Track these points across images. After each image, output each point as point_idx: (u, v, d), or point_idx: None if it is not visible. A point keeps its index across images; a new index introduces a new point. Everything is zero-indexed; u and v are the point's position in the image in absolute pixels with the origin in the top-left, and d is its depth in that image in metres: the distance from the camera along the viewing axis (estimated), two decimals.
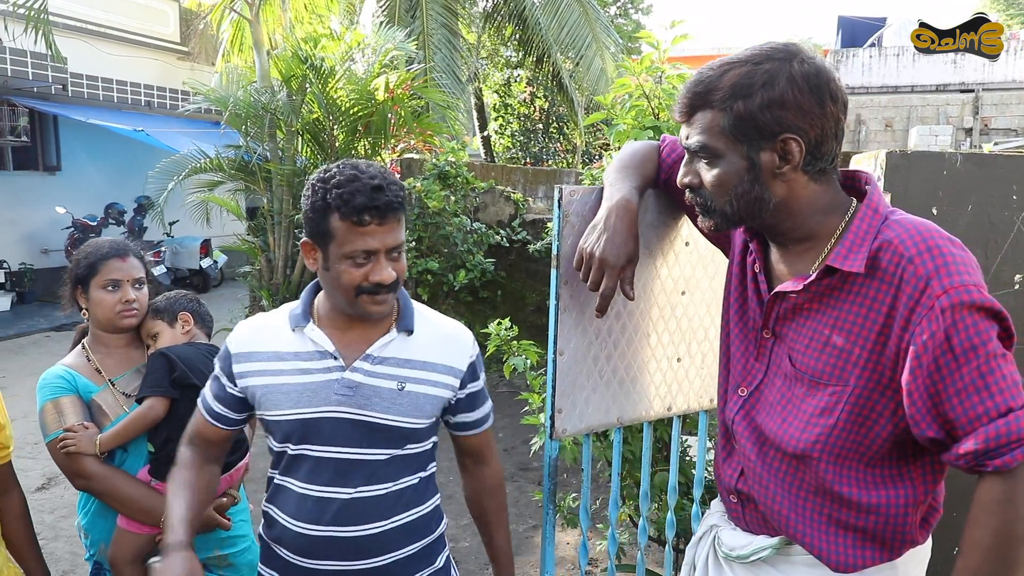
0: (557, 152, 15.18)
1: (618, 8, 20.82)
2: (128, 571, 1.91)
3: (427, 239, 6.66)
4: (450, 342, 1.58)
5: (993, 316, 1.10)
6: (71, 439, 1.82)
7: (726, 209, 1.26)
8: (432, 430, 1.59)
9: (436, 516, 1.63)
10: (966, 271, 1.11)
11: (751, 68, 1.19)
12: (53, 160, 11.86)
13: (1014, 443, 1.04)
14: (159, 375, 1.91)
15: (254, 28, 7.95)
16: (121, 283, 1.95)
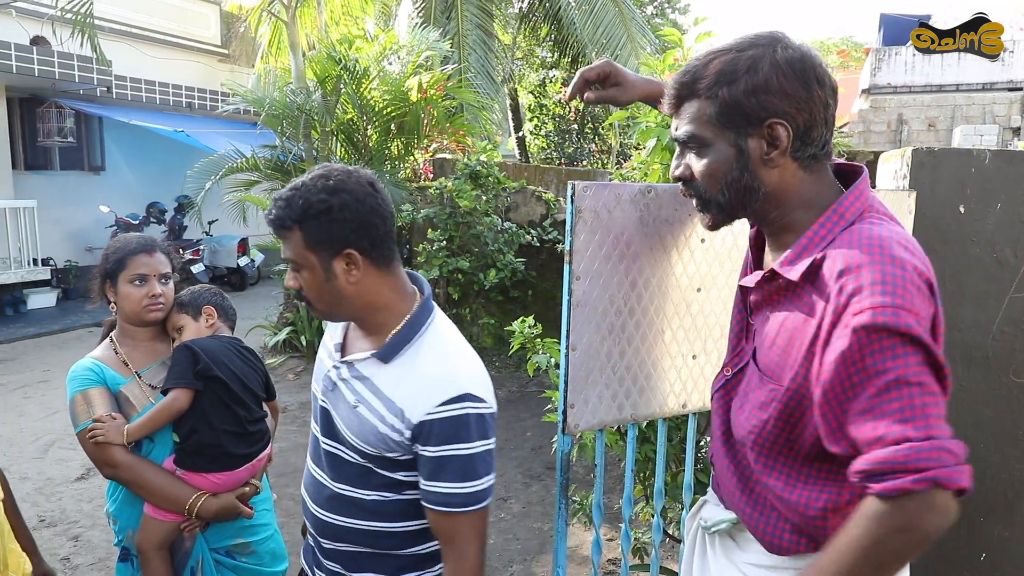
0: (592, 153, 15.13)
1: (655, 8, 20.69)
2: (154, 556, 1.96)
3: (458, 238, 6.71)
4: (418, 385, 1.37)
5: (911, 342, 1.04)
6: (99, 429, 1.88)
7: (719, 199, 1.25)
8: (399, 465, 1.42)
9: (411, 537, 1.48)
10: (895, 292, 1.05)
11: (735, 55, 1.19)
12: (98, 160, 12.19)
13: (899, 472, 1.00)
14: (183, 367, 1.95)
15: (290, 30, 8.08)
16: (148, 277, 2.00)
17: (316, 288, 1.39)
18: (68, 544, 3.83)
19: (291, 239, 1.36)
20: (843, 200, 1.20)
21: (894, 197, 2.04)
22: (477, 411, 1.36)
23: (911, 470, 0.99)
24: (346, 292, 1.38)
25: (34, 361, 7.58)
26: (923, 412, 1.01)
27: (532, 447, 5.25)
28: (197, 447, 1.98)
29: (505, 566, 3.66)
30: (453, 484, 1.34)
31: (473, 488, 1.35)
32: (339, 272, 1.36)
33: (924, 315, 1.06)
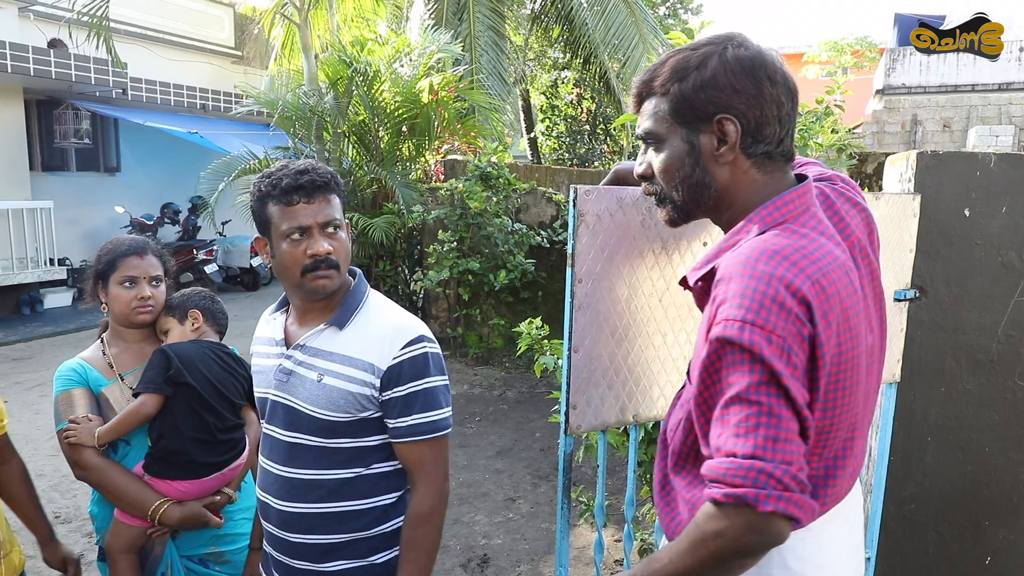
0: (603, 154, 15.11)
1: (667, 8, 20.64)
2: (121, 559, 1.95)
3: (469, 239, 6.73)
4: (378, 338, 1.54)
5: (755, 360, 1.05)
6: (73, 430, 1.89)
7: (674, 196, 1.27)
8: (368, 428, 1.56)
9: (379, 514, 1.60)
10: (748, 307, 1.06)
11: (688, 53, 1.22)
12: (113, 161, 12.32)
13: (717, 483, 1.06)
14: (155, 372, 1.94)
15: (302, 32, 8.14)
16: (138, 280, 2.01)
17: (347, 251, 1.59)
18: (83, 540, 3.88)
19: (332, 201, 1.56)
20: (760, 209, 1.20)
21: (898, 200, 2.04)
22: (432, 350, 1.57)
23: (726, 484, 1.04)
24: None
25: (50, 359, 7.68)
26: (754, 432, 1.03)
27: (541, 448, 5.27)
28: (164, 453, 1.96)
29: (513, 566, 3.68)
30: (420, 415, 1.54)
31: (437, 416, 1.56)
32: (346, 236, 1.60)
33: (782, 333, 1.05)
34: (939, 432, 2.32)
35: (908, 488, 2.35)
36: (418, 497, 1.57)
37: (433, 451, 1.57)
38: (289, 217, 1.53)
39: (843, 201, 1.32)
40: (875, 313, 1.28)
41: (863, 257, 1.28)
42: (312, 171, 1.55)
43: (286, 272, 1.57)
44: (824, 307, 1.09)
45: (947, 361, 2.27)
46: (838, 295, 1.11)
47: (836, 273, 1.12)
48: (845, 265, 1.16)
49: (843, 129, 4.69)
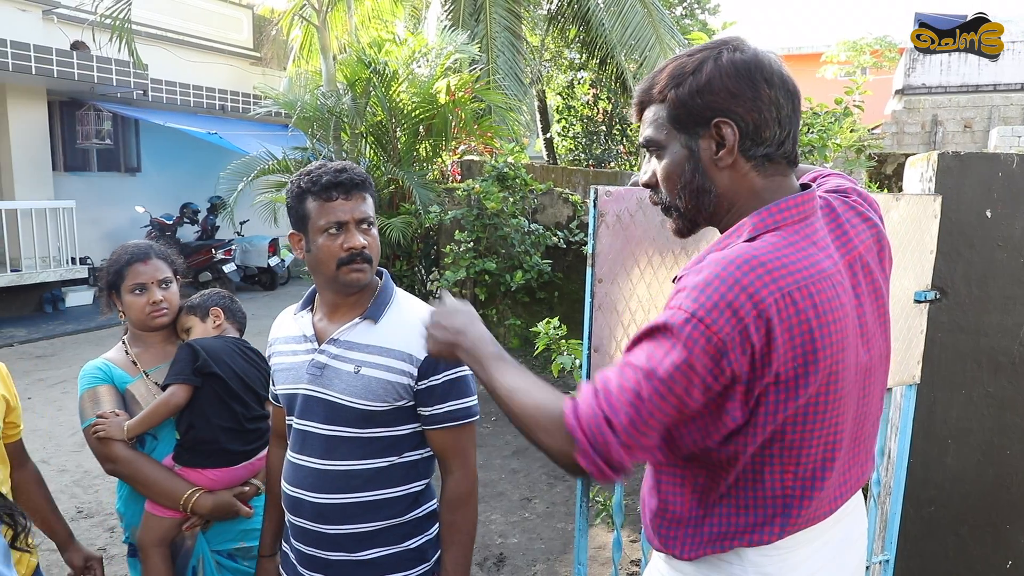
0: (620, 154, 15.08)
1: (684, 8, 20.57)
2: (153, 553, 1.98)
3: (485, 240, 6.74)
4: (413, 329, 1.60)
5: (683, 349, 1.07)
6: (101, 424, 1.92)
7: (678, 204, 1.26)
8: (403, 417, 1.64)
9: (411, 501, 1.68)
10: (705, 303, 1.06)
11: (684, 59, 1.21)
12: (134, 162, 12.46)
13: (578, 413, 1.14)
14: (182, 364, 1.99)
15: (321, 34, 8.19)
16: (147, 285, 2.04)
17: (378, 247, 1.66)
18: (104, 535, 3.93)
19: (367, 200, 1.64)
20: (754, 215, 1.18)
21: (919, 201, 2.03)
22: None
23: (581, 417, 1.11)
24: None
25: (72, 357, 7.78)
26: (637, 404, 1.08)
27: None
28: (194, 443, 2.00)
29: (529, 565, 3.69)
30: (457, 401, 1.64)
31: (470, 403, 1.67)
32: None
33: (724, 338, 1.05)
34: (959, 435, 2.31)
35: (928, 491, 2.34)
36: (454, 481, 1.66)
37: (466, 436, 1.68)
38: (327, 212, 1.60)
39: (852, 215, 1.29)
40: (877, 330, 1.25)
41: (865, 274, 1.25)
42: (350, 170, 1.63)
43: (321, 266, 1.63)
44: (790, 321, 1.07)
45: (968, 363, 2.26)
46: (814, 308, 1.09)
47: (818, 286, 1.10)
48: (833, 278, 1.13)
49: (862, 130, 4.67)
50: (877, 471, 2.17)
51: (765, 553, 1.20)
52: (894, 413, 2.30)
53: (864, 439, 1.28)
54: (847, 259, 1.22)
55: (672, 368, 1.06)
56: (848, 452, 1.23)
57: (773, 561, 1.21)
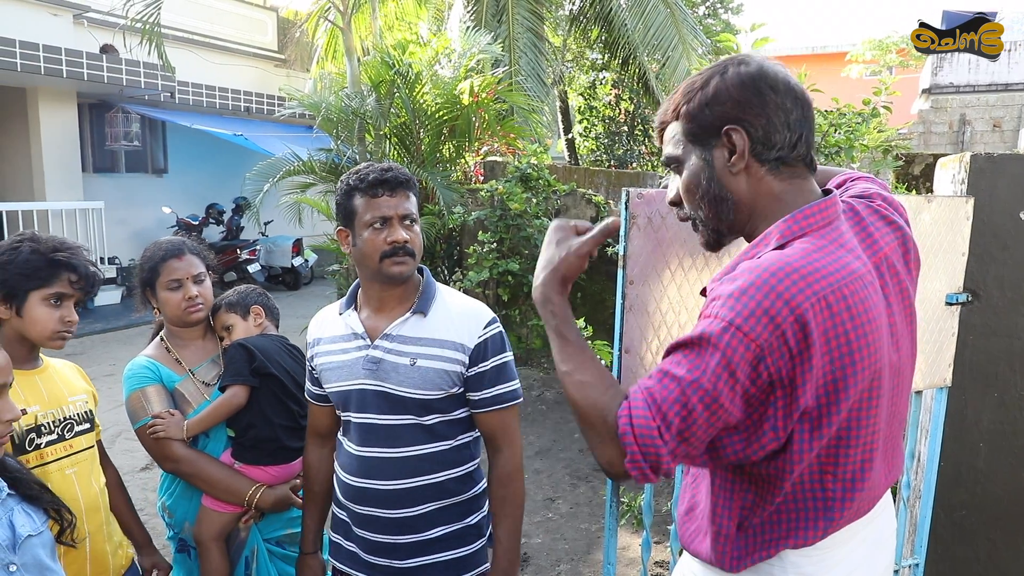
0: (642, 155, 15.03)
1: (707, 8, 20.45)
2: (213, 547, 2.04)
3: (508, 240, 6.76)
4: (461, 321, 1.74)
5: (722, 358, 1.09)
6: (160, 425, 1.96)
7: (700, 215, 1.30)
8: (455, 403, 1.76)
9: (467, 480, 1.81)
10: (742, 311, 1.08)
11: (695, 78, 1.28)
12: (161, 163, 12.64)
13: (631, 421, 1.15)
14: (240, 365, 2.03)
15: (345, 36, 8.25)
16: (182, 281, 2.06)
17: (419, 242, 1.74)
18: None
19: (410, 197, 1.74)
20: (780, 223, 1.20)
21: (951, 203, 2.02)
22: (501, 329, 1.80)
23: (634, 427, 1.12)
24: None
25: (101, 355, 7.91)
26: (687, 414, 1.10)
27: (580, 448, 5.28)
28: (255, 441, 2.06)
29: (553, 565, 3.70)
30: (505, 384, 1.77)
31: (515, 386, 1.80)
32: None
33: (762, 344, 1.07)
34: (992, 438, 2.28)
35: (959, 495, 2.32)
36: (504, 458, 1.79)
37: (512, 416, 1.80)
38: (373, 208, 1.69)
39: (876, 219, 1.31)
40: (905, 330, 1.27)
41: (892, 275, 1.26)
42: (395, 169, 1.72)
43: (366, 259, 1.71)
44: (826, 325, 1.09)
45: (1000, 366, 2.24)
46: (849, 311, 1.11)
47: (851, 287, 1.12)
48: (863, 278, 1.15)
49: (890, 130, 4.62)
50: (907, 474, 2.15)
51: (806, 554, 1.22)
52: (924, 416, 2.28)
53: (893, 438, 1.30)
54: (874, 260, 1.23)
55: (715, 378, 1.08)
56: (881, 452, 1.25)
57: (812, 561, 1.23)
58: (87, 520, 1.81)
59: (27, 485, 1.53)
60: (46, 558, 1.49)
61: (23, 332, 1.77)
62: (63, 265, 1.79)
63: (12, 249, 1.75)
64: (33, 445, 1.73)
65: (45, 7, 9.96)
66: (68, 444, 1.81)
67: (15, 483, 1.50)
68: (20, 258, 1.75)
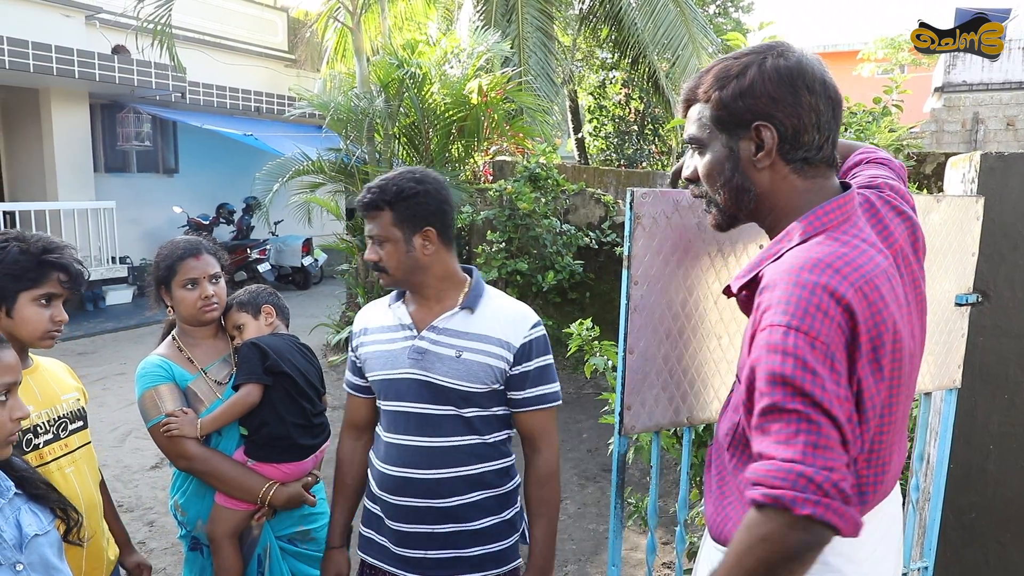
0: (652, 154, 14.99)
1: (717, 7, 20.37)
2: (226, 544, 2.06)
3: (517, 240, 6.76)
4: (509, 320, 1.78)
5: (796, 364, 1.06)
6: (174, 423, 1.97)
7: (718, 199, 1.32)
8: (494, 399, 1.78)
9: (504, 474, 1.84)
10: (795, 314, 1.08)
11: (731, 62, 1.26)
12: (172, 163, 12.70)
13: (757, 484, 1.07)
14: (253, 364, 2.05)
15: (355, 36, 8.27)
16: (199, 280, 2.07)
17: (396, 258, 1.74)
18: (144, 529, 4.02)
19: (380, 218, 1.73)
20: (803, 218, 1.22)
21: (960, 203, 2.00)
22: (545, 332, 1.83)
23: (764, 485, 1.05)
24: (421, 262, 1.75)
25: (112, 354, 7.96)
26: (794, 438, 1.04)
27: (588, 448, 5.28)
28: (268, 439, 2.07)
29: (560, 566, 3.70)
30: (547, 385, 1.81)
31: (556, 388, 1.84)
32: (418, 245, 1.73)
33: (825, 340, 1.07)
34: (1002, 440, 2.26)
35: (969, 497, 2.30)
36: (542, 459, 1.82)
37: (552, 418, 1.84)
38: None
39: (888, 210, 1.34)
40: (917, 321, 1.29)
41: (906, 266, 1.30)
42: (368, 190, 1.76)
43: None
44: (867, 313, 1.10)
45: (1011, 367, 2.22)
46: (882, 300, 1.13)
47: (879, 279, 1.14)
48: (888, 271, 1.17)
49: (901, 129, 4.59)
50: (916, 476, 2.14)
51: None
52: (933, 418, 2.26)
53: (905, 419, 1.33)
54: (891, 252, 1.26)
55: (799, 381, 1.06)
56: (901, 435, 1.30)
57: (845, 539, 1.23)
58: (87, 518, 1.81)
59: (34, 484, 1.53)
60: (53, 557, 1.50)
61: (13, 333, 1.75)
62: (52, 265, 1.77)
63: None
64: (31, 445, 1.73)
65: (58, 8, 10.02)
66: (64, 443, 1.81)
67: (22, 482, 1.51)
68: (8, 259, 1.72)
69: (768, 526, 1.05)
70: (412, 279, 1.79)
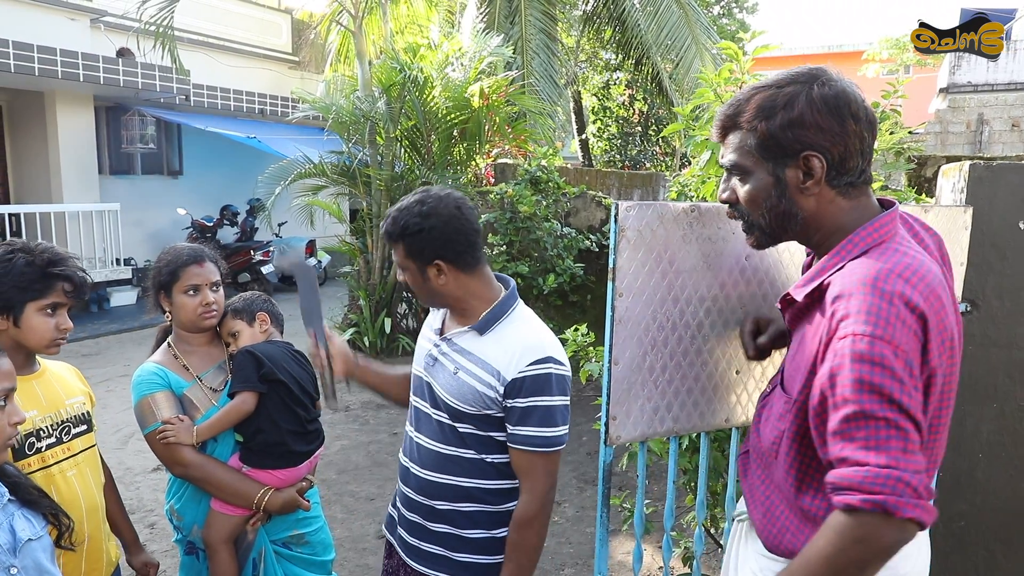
0: (655, 155, 15.01)
1: (722, 8, 20.36)
2: (222, 549, 2.08)
3: (518, 243, 6.77)
4: (511, 350, 1.69)
5: (884, 373, 1.11)
6: (170, 431, 2.00)
7: (761, 223, 1.36)
8: (490, 423, 1.72)
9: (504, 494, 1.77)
10: (876, 323, 1.13)
11: (775, 91, 1.28)
12: (176, 165, 12.75)
13: (853, 490, 1.10)
14: (248, 371, 2.07)
15: (357, 39, 8.29)
16: (200, 287, 2.10)
17: (416, 285, 1.77)
18: (144, 531, 4.05)
19: (396, 248, 1.76)
20: (860, 231, 1.27)
21: (949, 213, 2.01)
22: (558, 372, 1.69)
23: (864, 491, 1.09)
24: (437, 290, 1.75)
25: (116, 356, 8.00)
26: (886, 444, 1.10)
27: (588, 452, 5.29)
28: (263, 446, 2.09)
29: (557, 569, 3.71)
30: (535, 428, 1.67)
31: (551, 433, 1.68)
32: (431, 276, 1.73)
33: (906, 348, 1.12)
34: (991, 449, 2.27)
35: (958, 505, 2.31)
36: (523, 503, 1.71)
37: (543, 462, 1.70)
38: None
39: (917, 224, 1.40)
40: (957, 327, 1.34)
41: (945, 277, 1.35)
42: (386, 218, 1.78)
43: None
44: (934, 320, 1.16)
45: (999, 377, 2.23)
46: (943, 308, 1.18)
47: (939, 288, 1.19)
48: (942, 280, 1.22)
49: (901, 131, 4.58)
50: None
51: None
52: None
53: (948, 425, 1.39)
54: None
55: (887, 389, 1.11)
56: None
57: None
58: (87, 520, 1.84)
59: (26, 490, 1.56)
60: (46, 562, 1.53)
61: (20, 341, 1.80)
62: (58, 276, 1.82)
63: (5, 261, 1.77)
64: (33, 449, 1.76)
65: (63, 12, 10.08)
66: (66, 447, 1.85)
67: (14, 488, 1.54)
68: (15, 271, 1.77)
69: (864, 529, 1.09)
70: (438, 302, 1.84)
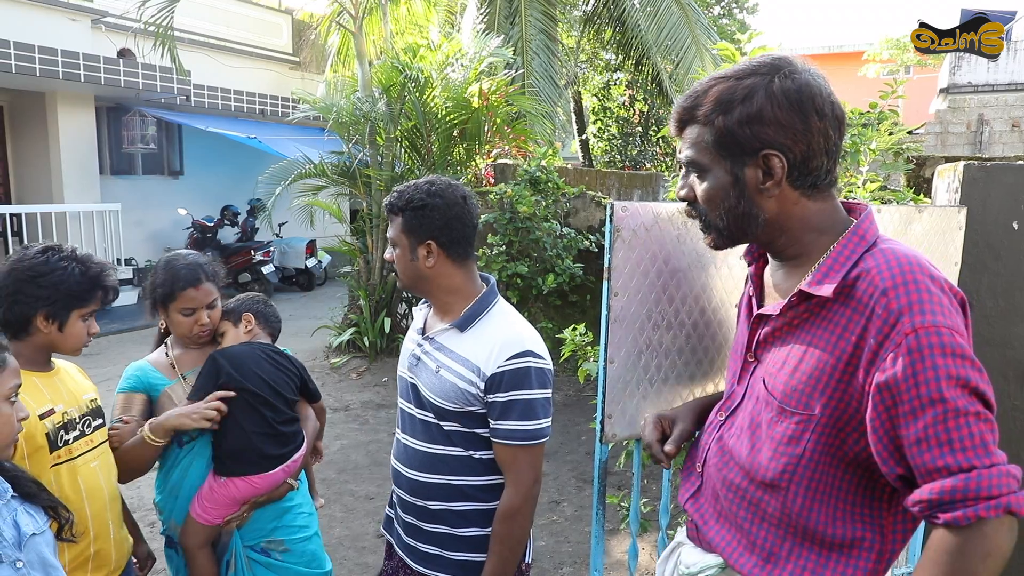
0: (656, 156, 15.00)
1: (722, 8, 20.36)
2: (199, 554, 2.10)
3: (517, 243, 6.78)
4: (490, 346, 1.70)
5: (964, 363, 1.03)
6: (115, 433, 2.02)
7: (719, 224, 1.25)
8: (475, 419, 1.73)
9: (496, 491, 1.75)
10: (941, 311, 1.05)
11: (734, 83, 1.18)
12: (177, 165, 12.78)
13: (970, 500, 0.99)
14: (204, 380, 2.07)
15: (357, 40, 8.30)
16: (196, 310, 2.11)
17: (402, 264, 1.78)
18: (145, 529, 4.06)
19: (395, 222, 1.77)
20: (861, 223, 1.20)
21: (943, 213, 2.03)
22: (537, 365, 1.70)
23: (983, 497, 0.98)
24: (423, 273, 1.76)
25: (117, 356, 8.01)
26: (982, 440, 1.00)
27: (587, 451, 5.30)
28: (231, 452, 2.08)
29: (556, 568, 3.72)
30: (516, 422, 1.68)
31: (533, 426, 1.69)
32: (420, 255, 1.74)
33: (964, 333, 1.06)
34: None
35: None
36: (507, 496, 1.72)
37: (526, 456, 1.71)
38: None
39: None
40: None
41: None
42: (392, 191, 1.80)
43: None
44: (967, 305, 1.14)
45: (994, 376, 2.23)
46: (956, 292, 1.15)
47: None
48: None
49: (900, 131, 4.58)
50: None
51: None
52: None
53: None
54: None
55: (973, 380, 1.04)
56: None
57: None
58: (109, 509, 1.90)
59: (25, 484, 1.59)
60: (49, 555, 1.55)
61: (56, 344, 1.87)
62: (103, 287, 1.91)
63: (60, 269, 1.84)
64: (63, 441, 1.81)
65: (64, 12, 10.10)
66: (89, 439, 1.90)
67: (14, 482, 1.56)
68: (72, 280, 1.84)
69: (991, 540, 0.98)
70: (418, 287, 1.82)
